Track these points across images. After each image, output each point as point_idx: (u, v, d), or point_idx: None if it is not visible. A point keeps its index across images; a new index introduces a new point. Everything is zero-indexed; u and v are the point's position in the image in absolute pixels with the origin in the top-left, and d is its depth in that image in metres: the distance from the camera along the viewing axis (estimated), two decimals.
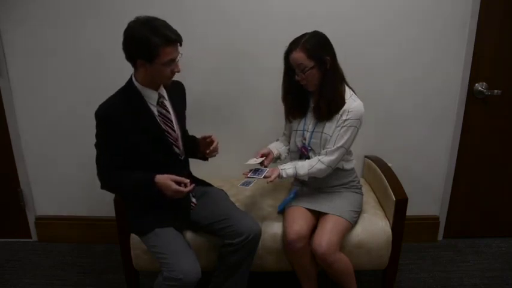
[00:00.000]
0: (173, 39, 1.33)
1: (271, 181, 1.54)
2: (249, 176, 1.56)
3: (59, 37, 1.98)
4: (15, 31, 1.98)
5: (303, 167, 1.59)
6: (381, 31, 1.98)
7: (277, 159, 1.74)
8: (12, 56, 2.02)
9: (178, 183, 1.42)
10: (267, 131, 1.98)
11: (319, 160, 1.59)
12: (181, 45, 1.39)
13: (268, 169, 1.59)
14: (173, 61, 1.37)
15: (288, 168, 1.60)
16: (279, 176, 1.57)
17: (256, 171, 1.58)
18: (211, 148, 1.56)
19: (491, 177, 2.27)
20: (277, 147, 1.76)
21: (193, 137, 1.69)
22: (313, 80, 1.55)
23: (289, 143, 1.77)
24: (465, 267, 2.11)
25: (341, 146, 1.57)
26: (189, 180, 1.45)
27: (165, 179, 1.40)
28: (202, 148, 1.60)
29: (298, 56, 1.51)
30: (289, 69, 1.59)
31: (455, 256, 2.21)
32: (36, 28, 1.97)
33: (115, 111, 1.38)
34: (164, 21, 1.35)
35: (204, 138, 1.57)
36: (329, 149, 1.58)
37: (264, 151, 1.67)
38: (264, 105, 2.06)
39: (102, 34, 1.96)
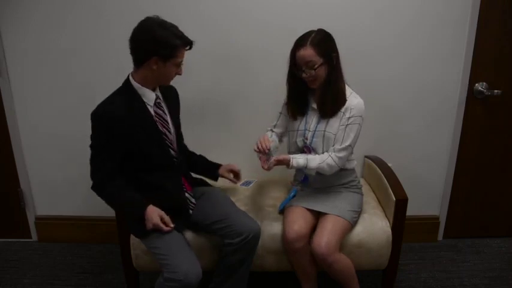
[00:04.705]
0: (190, 42, 1.40)
1: (277, 159, 1.51)
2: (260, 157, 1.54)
3: (58, 38, 1.98)
4: (15, 31, 1.98)
5: (314, 159, 1.57)
6: (380, 32, 1.98)
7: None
8: (12, 56, 2.02)
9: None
10: (266, 130, 1.97)
11: (330, 156, 1.58)
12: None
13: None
14: (181, 63, 1.43)
15: (299, 158, 1.57)
16: (289, 163, 1.54)
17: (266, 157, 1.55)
18: (232, 176, 1.73)
19: (491, 177, 2.27)
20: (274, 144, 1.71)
21: (201, 157, 1.78)
22: (321, 77, 1.54)
23: (279, 140, 1.76)
24: (465, 267, 2.11)
25: (349, 145, 1.57)
26: (173, 226, 1.46)
27: (153, 212, 1.43)
28: (222, 171, 1.73)
29: (307, 52, 1.49)
30: (294, 67, 1.56)
31: (455, 256, 2.21)
32: (37, 29, 1.97)
33: (114, 111, 1.38)
34: (176, 25, 1.40)
35: (231, 170, 1.73)
36: (337, 148, 1.58)
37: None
38: (264, 105, 2.06)
39: (102, 35, 1.95)
